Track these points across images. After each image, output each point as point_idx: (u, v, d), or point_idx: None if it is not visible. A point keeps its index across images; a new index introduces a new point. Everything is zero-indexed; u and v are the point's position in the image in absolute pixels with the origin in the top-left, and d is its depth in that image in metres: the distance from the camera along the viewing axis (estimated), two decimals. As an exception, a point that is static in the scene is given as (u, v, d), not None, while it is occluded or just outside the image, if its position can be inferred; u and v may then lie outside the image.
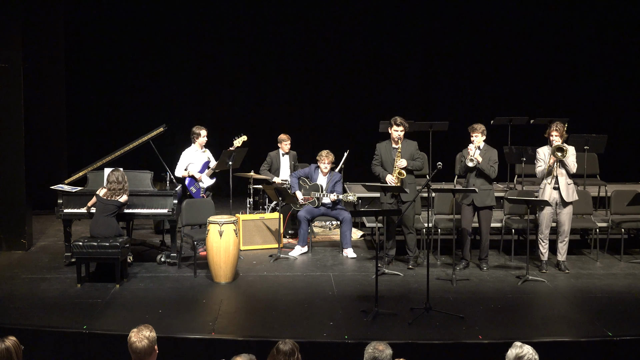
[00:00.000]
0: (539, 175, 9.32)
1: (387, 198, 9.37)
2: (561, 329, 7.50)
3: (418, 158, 9.51)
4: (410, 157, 9.41)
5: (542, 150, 9.33)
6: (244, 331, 7.36)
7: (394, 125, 9.42)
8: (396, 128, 9.40)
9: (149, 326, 4.83)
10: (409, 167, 9.37)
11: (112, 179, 8.89)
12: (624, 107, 14.51)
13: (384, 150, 9.54)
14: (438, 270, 9.39)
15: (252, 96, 14.58)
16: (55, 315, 7.62)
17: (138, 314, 7.52)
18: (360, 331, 7.18)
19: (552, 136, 9.17)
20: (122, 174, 8.97)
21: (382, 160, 9.53)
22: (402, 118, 9.48)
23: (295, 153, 11.62)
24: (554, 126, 9.18)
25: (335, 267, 9.63)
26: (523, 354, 4.49)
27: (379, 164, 9.58)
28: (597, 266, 9.74)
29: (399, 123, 9.39)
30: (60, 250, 9.89)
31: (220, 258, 8.78)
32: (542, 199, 9.09)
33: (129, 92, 14.14)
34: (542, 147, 9.38)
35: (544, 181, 9.27)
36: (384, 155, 9.52)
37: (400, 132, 9.41)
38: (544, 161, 9.25)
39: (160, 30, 14.12)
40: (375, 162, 9.63)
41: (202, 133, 10.34)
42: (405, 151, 9.43)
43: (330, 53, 14.60)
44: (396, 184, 9.27)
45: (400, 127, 9.39)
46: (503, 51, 14.52)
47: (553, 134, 9.16)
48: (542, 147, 9.39)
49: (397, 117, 9.46)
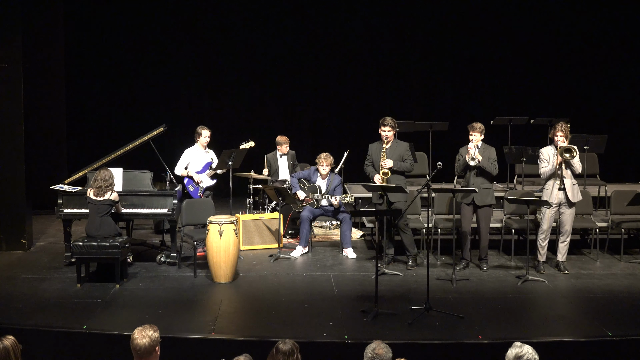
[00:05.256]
0: (544, 176, 9.26)
1: (376, 198, 9.38)
2: (561, 329, 7.48)
3: (407, 159, 9.48)
4: (398, 157, 9.40)
5: (545, 151, 9.29)
6: (244, 331, 7.35)
7: (381, 126, 9.43)
8: (383, 128, 9.41)
9: (154, 326, 4.83)
10: (395, 168, 9.36)
11: (98, 176, 8.84)
12: (624, 107, 14.53)
13: (375, 151, 9.56)
14: (438, 270, 9.39)
15: (251, 96, 14.58)
16: (55, 315, 7.62)
17: (138, 314, 7.52)
18: (360, 331, 7.17)
19: (557, 136, 9.13)
20: (110, 173, 8.91)
21: (372, 160, 9.55)
22: (392, 118, 9.48)
23: (293, 152, 11.62)
24: (559, 127, 9.14)
25: (335, 267, 9.63)
26: (523, 353, 4.49)
27: (370, 164, 9.60)
28: (597, 266, 9.74)
29: (386, 123, 9.40)
30: (60, 250, 9.90)
31: (220, 258, 8.78)
32: (547, 199, 9.07)
33: (129, 92, 14.15)
34: (546, 148, 9.35)
35: (548, 182, 9.25)
36: (374, 156, 9.53)
37: (388, 132, 9.41)
38: (548, 162, 9.21)
39: (160, 30, 14.14)
40: (367, 162, 9.66)
41: (204, 133, 10.34)
42: (394, 152, 9.43)
43: (330, 53, 14.60)
44: (381, 184, 9.27)
45: (388, 127, 9.39)
46: (503, 51, 14.53)
47: (558, 134, 9.12)
48: (545, 148, 9.36)
49: (386, 117, 9.48)
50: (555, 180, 9.16)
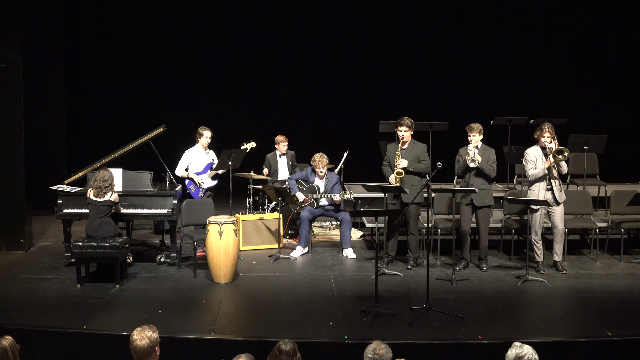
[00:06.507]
0: (532, 177, 9.21)
1: (390, 198, 9.38)
2: (561, 329, 7.49)
3: (423, 161, 9.46)
4: (414, 158, 9.39)
5: (532, 152, 9.25)
6: (244, 331, 7.35)
7: (398, 126, 9.45)
8: (400, 128, 9.43)
9: (153, 327, 4.83)
10: (409, 169, 9.35)
11: (98, 177, 8.84)
12: (624, 107, 14.53)
13: (392, 151, 9.55)
14: (438, 271, 9.39)
15: (251, 96, 14.59)
16: (55, 315, 7.62)
17: (138, 314, 7.52)
18: (360, 331, 7.17)
19: (545, 137, 9.12)
20: (110, 174, 8.91)
21: (390, 160, 9.55)
22: (410, 119, 9.47)
23: (293, 153, 11.63)
24: (546, 127, 9.12)
25: (335, 267, 9.63)
26: (523, 354, 4.49)
27: (387, 164, 9.60)
28: (596, 266, 9.74)
29: (403, 123, 9.40)
30: (60, 250, 9.89)
31: (220, 258, 8.78)
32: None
33: (129, 92, 14.16)
34: (531, 149, 9.29)
35: (536, 183, 9.23)
36: (391, 156, 9.53)
37: (404, 132, 9.41)
38: (534, 163, 9.20)
39: (160, 30, 14.15)
40: (384, 162, 9.67)
41: (205, 134, 10.34)
42: (410, 152, 9.42)
43: (330, 53, 14.61)
44: (395, 184, 9.27)
45: (405, 127, 9.39)
46: (503, 51, 14.55)
47: (545, 135, 9.12)
48: (530, 149, 9.30)
49: (404, 118, 9.48)
50: (543, 181, 9.16)
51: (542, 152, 9.15)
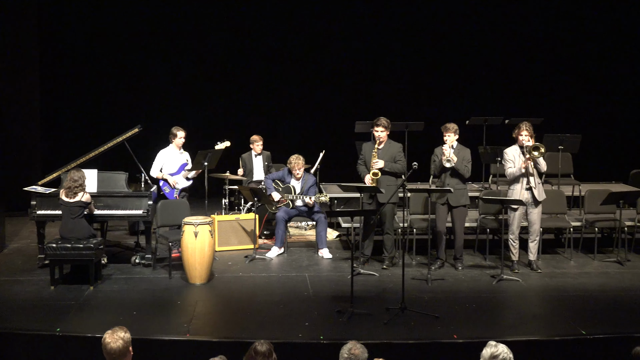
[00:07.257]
0: (511, 176, 9.26)
1: (366, 198, 9.39)
2: (535, 328, 7.53)
3: (399, 161, 9.47)
4: (390, 158, 9.40)
5: (510, 152, 9.31)
6: (219, 332, 7.34)
7: (374, 126, 9.46)
8: (376, 128, 9.44)
9: (124, 327, 4.80)
10: (385, 169, 9.37)
11: (68, 177, 8.76)
12: (598, 107, 14.65)
13: (367, 151, 9.55)
14: (413, 270, 9.41)
15: (227, 97, 14.53)
16: (29, 318, 7.55)
17: (112, 316, 7.46)
18: (335, 331, 7.17)
19: (522, 136, 9.18)
20: (81, 174, 8.79)
21: (365, 160, 9.55)
22: (386, 119, 9.47)
23: (269, 153, 11.62)
24: (524, 126, 9.19)
25: (310, 268, 9.62)
26: (498, 353, 4.51)
27: (362, 164, 9.61)
28: (570, 265, 9.81)
29: (379, 123, 9.41)
30: (34, 252, 9.80)
31: (195, 259, 8.74)
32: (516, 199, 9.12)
33: (104, 92, 14.05)
34: (510, 148, 9.36)
35: (515, 182, 9.28)
36: (367, 155, 9.53)
37: (381, 132, 9.41)
38: (513, 162, 9.25)
39: (136, 30, 14.04)
40: (359, 161, 9.67)
41: (179, 134, 10.29)
42: (386, 152, 9.43)
43: (306, 53, 14.59)
44: (371, 184, 9.28)
45: (381, 127, 9.40)
46: (478, 52, 14.62)
47: (523, 134, 9.17)
48: (509, 148, 9.37)
49: (380, 118, 9.48)
50: (522, 180, 9.21)
51: (521, 151, 9.20)
